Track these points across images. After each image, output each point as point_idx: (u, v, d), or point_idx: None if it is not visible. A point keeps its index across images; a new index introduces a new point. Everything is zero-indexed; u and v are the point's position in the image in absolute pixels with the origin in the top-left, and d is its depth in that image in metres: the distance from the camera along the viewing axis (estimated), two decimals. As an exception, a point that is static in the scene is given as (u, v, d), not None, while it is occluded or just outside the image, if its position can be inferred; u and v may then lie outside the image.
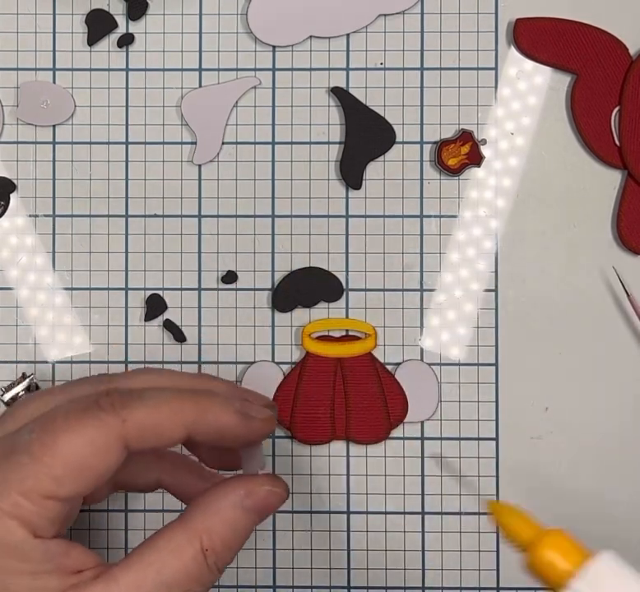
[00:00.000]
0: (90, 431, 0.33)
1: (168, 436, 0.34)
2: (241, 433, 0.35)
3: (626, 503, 0.47)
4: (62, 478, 0.32)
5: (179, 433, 0.34)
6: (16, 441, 0.33)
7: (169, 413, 0.34)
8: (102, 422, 0.33)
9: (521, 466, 0.47)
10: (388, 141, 0.47)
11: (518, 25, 0.46)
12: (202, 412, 0.34)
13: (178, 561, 0.33)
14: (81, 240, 0.47)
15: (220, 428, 0.35)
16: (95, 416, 0.33)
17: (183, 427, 0.34)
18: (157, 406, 0.34)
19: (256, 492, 0.35)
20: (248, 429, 0.35)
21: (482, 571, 0.47)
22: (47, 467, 0.32)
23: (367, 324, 0.47)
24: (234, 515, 0.35)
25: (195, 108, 0.47)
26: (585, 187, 0.47)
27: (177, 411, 0.34)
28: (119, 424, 0.33)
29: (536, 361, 0.47)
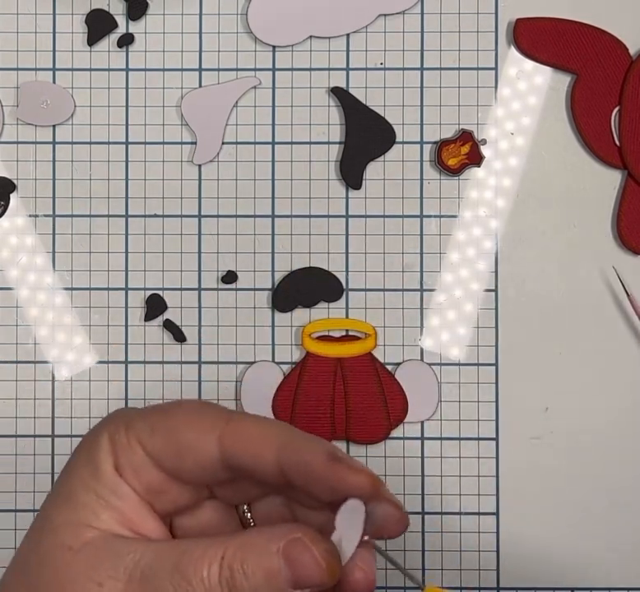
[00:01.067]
0: (201, 413, 0.35)
1: (259, 455, 0.34)
2: (327, 477, 0.33)
3: (626, 503, 0.47)
4: (157, 434, 0.34)
5: (269, 457, 0.34)
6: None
7: (265, 433, 0.34)
8: (213, 410, 0.35)
9: (521, 466, 0.47)
10: (388, 141, 0.47)
11: (518, 25, 0.46)
12: (293, 441, 0.34)
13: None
14: (81, 240, 0.47)
15: (306, 463, 0.33)
16: (207, 405, 0.36)
17: (273, 451, 0.34)
18: (258, 422, 0.35)
19: (293, 542, 0.33)
20: (335, 474, 0.33)
21: (482, 571, 0.47)
22: (153, 422, 0.35)
23: (367, 324, 0.47)
24: (267, 547, 0.33)
25: (195, 108, 0.47)
26: (585, 187, 0.47)
27: (272, 433, 0.34)
28: (223, 422, 0.34)
29: (536, 361, 0.47)
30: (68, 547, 0.34)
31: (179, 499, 0.36)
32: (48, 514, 0.35)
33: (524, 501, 0.47)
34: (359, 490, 0.33)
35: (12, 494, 0.47)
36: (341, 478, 0.33)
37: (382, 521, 0.33)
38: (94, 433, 0.36)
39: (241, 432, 0.34)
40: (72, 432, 0.47)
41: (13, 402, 0.47)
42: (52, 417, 0.47)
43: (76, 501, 0.35)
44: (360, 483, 0.33)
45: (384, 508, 0.33)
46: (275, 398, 0.46)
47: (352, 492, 0.33)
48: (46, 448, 0.47)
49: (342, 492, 0.33)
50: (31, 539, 0.35)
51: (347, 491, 0.33)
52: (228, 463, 0.34)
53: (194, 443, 0.34)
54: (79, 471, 0.35)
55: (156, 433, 0.35)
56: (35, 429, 0.47)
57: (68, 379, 0.47)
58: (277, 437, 0.34)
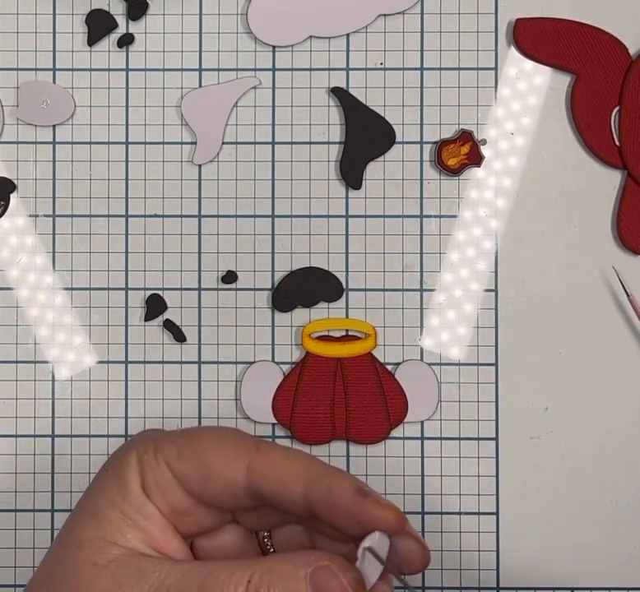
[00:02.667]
0: (228, 439, 0.35)
1: (287, 487, 0.34)
2: (354, 512, 0.33)
3: (626, 503, 0.47)
4: (184, 456, 0.35)
5: (297, 489, 0.34)
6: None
7: (293, 465, 0.34)
8: (240, 437, 0.36)
9: (521, 466, 0.47)
10: (388, 141, 0.47)
11: (518, 25, 0.46)
12: (321, 475, 0.34)
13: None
14: (81, 240, 0.47)
15: (334, 497, 0.33)
16: (233, 431, 0.36)
17: (301, 484, 0.34)
18: (287, 453, 0.35)
19: (321, 570, 0.33)
20: (362, 508, 0.33)
21: (482, 571, 0.47)
22: (181, 443, 0.35)
23: (367, 324, 0.47)
24: (294, 573, 0.33)
25: (195, 108, 0.47)
26: (585, 187, 0.47)
27: (300, 465, 0.34)
28: (253, 449, 0.35)
29: (536, 361, 0.47)
30: (93, 562, 0.34)
31: (203, 522, 0.36)
32: (73, 529, 0.35)
33: (524, 501, 0.47)
34: (386, 524, 0.33)
35: (12, 494, 0.47)
36: (368, 513, 0.33)
37: (405, 556, 0.34)
38: (122, 452, 0.36)
39: (270, 462, 0.34)
40: (72, 432, 0.47)
41: (13, 402, 0.47)
42: (52, 417, 0.47)
43: (102, 518, 0.35)
44: (387, 518, 0.33)
45: (408, 543, 0.34)
46: (275, 398, 0.46)
47: (378, 526, 0.33)
48: (46, 448, 0.47)
49: (368, 527, 0.33)
50: (55, 554, 0.35)
51: (373, 525, 0.33)
52: (254, 491, 0.35)
53: (221, 469, 0.35)
54: (106, 488, 0.35)
55: (184, 457, 0.35)
56: (35, 429, 0.47)
57: (68, 379, 0.47)
58: (306, 470, 0.34)
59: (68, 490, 0.47)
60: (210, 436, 0.36)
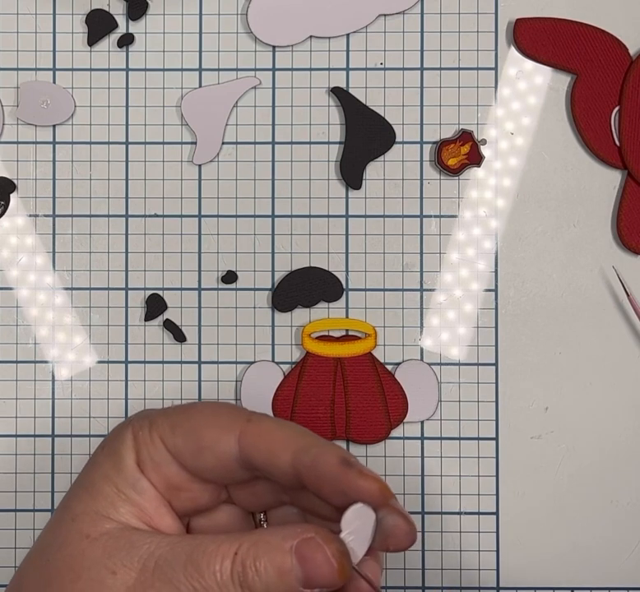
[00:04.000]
0: (221, 412, 0.36)
1: (276, 455, 0.34)
2: (338, 481, 0.33)
3: (626, 503, 0.47)
4: (178, 430, 0.35)
5: (286, 457, 0.34)
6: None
7: (283, 434, 0.35)
8: (233, 409, 0.36)
9: (521, 466, 0.47)
10: (388, 141, 0.47)
11: (518, 25, 0.46)
12: (309, 445, 0.34)
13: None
14: (81, 240, 0.47)
15: (319, 466, 0.34)
16: (226, 405, 0.37)
17: (290, 452, 0.34)
18: (278, 424, 0.36)
19: (307, 541, 0.33)
20: (345, 477, 0.33)
21: (482, 570, 0.47)
22: (175, 419, 0.36)
23: (367, 324, 0.47)
24: (281, 544, 0.33)
25: (195, 108, 0.47)
26: (585, 187, 0.47)
27: (290, 435, 0.35)
28: (244, 420, 0.35)
29: (536, 361, 0.47)
30: (86, 535, 0.34)
31: (198, 498, 0.36)
32: (68, 503, 0.36)
33: (524, 501, 0.47)
34: (368, 495, 0.33)
35: (12, 494, 0.47)
36: (351, 482, 0.33)
37: (390, 532, 0.34)
38: (119, 429, 0.37)
39: (260, 432, 0.35)
40: (72, 432, 0.47)
41: (13, 402, 0.47)
42: (52, 417, 0.47)
43: (96, 492, 0.35)
44: (369, 488, 0.33)
45: (394, 518, 0.34)
46: (275, 398, 0.46)
47: (361, 496, 0.33)
48: (46, 448, 0.47)
49: (352, 496, 0.33)
50: (51, 526, 0.36)
51: (356, 495, 0.33)
52: (245, 461, 0.35)
53: (214, 441, 0.35)
54: (101, 464, 0.36)
55: (178, 431, 0.35)
56: (35, 429, 0.47)
57: (68, 379, 0.47)
58: (294, 439, 0.35)
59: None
60: (203, 409, 0.37)
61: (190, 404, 0.37)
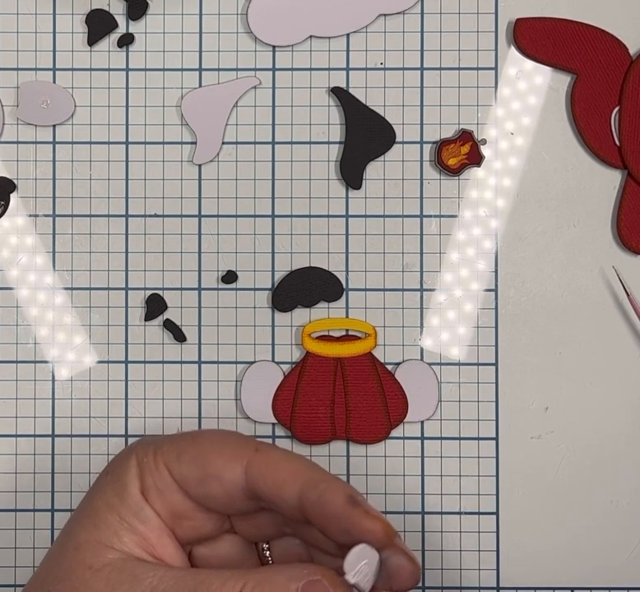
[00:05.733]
0: (228, 440, 0.36)
1: (283, 488, 0.34)
2: (343, 520, 0.33)
3: (626, 503, 0.47)
4: (184, 458, 0.35)
5: (292, 490, 0.34)
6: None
7: (291, 467, 0.35)
8: (240, 439, 0.36)
9: (521, 466, 0.47)
10: (388, 141, 0.47)
11: (518, 25, 0.46)
12: (317, 480, 0.34)
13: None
14: (81, 240, 0.47)
15: (325, 503, 0.34)
16: (233, 434, 0.37)
17: (297, 486, 0.34)
18: (286, 456, 0.36)
19: (313, 583, 0.33)
20: (352, 518, 0.33)
21: (482, 570, 0.47)
22: (181, 446, 0.36)
23: (367, 324, 0.47)
24: (287, 585, 0.33)
25: (195, 108, 0.47)
26: (585, 187, 0.47)
27: (298, 468, 0.35)
28: (252, 450, 0.35)
29: (536, 361, 0.47)
30: (89, 565, 0.34)
31: (201, 527, 0.36)
32: (72, 531, 0.35)
33: (524, 501, 0.47)
34: (372, 535, 0.33)
35: (12, 494, 0.47)
36: (356, 522, 0.33)
37: (394, 572, 0.33)
38: (123, 455, 0.36)
39: (267, 463, 0.35)
40: (72, 432, 0.47)
41: (13, 402, 0.47)
42: (52, 417, 0.47)
43: (99, 521, 0.35)
44: (374, 530, 0.33)
45: (398, 559, 0.33)
46: (275, 398, 0.46)
47: (365, 536, 0.33)
48: (46, 448, 0.47)
49: (356, 536, 0.33)
50: (54, 555, 0.36)
51: (360, 535, 0.33)
52: (251, 492, 0.35)
53: (220, 470, 0.35)
54: (105, 491, 0.36)
55: (183, 459, 0.35)
56: (35, 429, 0.47)
57: (68, 379, 0.47)
58: (302, 472, 0.35)
59: (68, 490, 0.47)
60: (210, 437, 0.36)
61: (197, 432, 0.37)
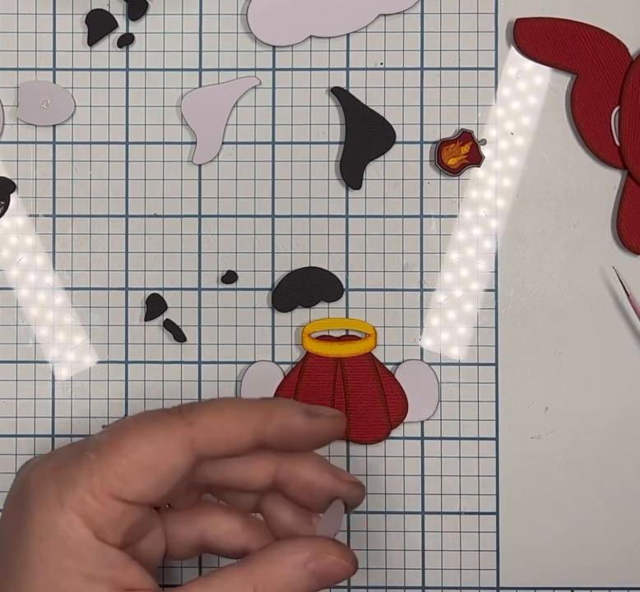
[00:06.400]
0: (156, 431, 0.34)
1: (236, 440, 0.35)
2: (309, 432, 0.35)
3: (626, 503, 0.47)
4: (126, 475, 0.33)
5: (247, 437, 0.35)
6: (88, 442, 0.35)
7: (235, 417, 0.35)
8: (168, 424, 0.34)
9: (521, 466, 0.47)
10: (388, 141, 0.47)
11: (518, 25, 0.46)
12: (268, 414, 0.35)
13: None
14: (81, 240, 0.47)
15: (287, 428, 0.35)
16: (161, 419, 0.35)
17: (250, 432, 0.35)
18: (223, 410, 0.35)
19: (322, 559, 0.34)
20: (316, 427, 0.35)
21: (482, 570, 0.47)
22: (112, 464, 0.33)
23: (367, 324, 0.47)
24: (295, 573, 0.34)
25: (195, 108, 0.47)
26: (585, 187, 0.47)
27: (243, 414, 0.35)
28: (185, 427, 0.34)
29: (536, 361, 0.47)
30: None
31: (172, 553, 0.38)
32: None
33: (524, 501, 0.47)
34: (336, 436, 0.37)
35: (12, 494, 0.47)
36: (322, 430, 0.36)
37: (352, 503, 0.38)
38: (46, 514, 0.33)
39: (209, 431, 0.34)
40: (72, 432, 0.47)
41: (13, 402, 0.47)
42: (52, 417, 0.47)
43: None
44: (337, 429, 0.36)
45: (353, 496, 0.37)
46: (275, 398, 0.46)
47: (330, 438, 0.36)
48: (46, 448, 0.47)
49: (321, 443, 0.36)
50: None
51: (325, 438, 0.36)
52: (204, 467, 0.35)
53: (165, 460, 0.34)
54: (54, 559, 0.33)
55: (125, 476, 0.33)
56: (35, 429, 0.47)
57: (68, 379, 0.47)
58: (247, 421, 0.35)
59: (68, 490, 0.47)
60: (134, 434, 0.34)
61: (117, 434, 0.34)
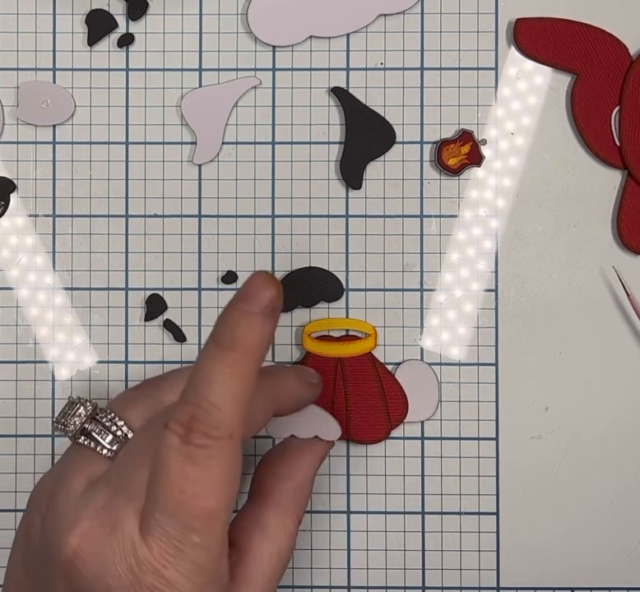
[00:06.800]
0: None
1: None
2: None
3: (626, 503, 0.47)
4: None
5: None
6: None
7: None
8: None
9: (521, 466, 0.47)
10: (388, 141, 0.47)
11: (518, 25, 0.46)
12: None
13: (287, 541, 0.39)
14: (81, 240, 0.47)
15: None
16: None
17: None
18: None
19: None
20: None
21: (482, 570, 0.47)
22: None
23: (367, 324, 0.47)
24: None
25: (195, 108, 0.47)
26: (585, 187, 0.47)
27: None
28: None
29: (536, 361, 0.47)
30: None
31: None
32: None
33: (524, 501, 0.47)
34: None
35: (12, 494, 0.47)
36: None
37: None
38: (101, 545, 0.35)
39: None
40: (72, 432, 0.47)
41: (13, 402, 0.47)
42: (52, 417, 0.47)
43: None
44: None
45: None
46: (275, 398, 0.46)
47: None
48: (46, 448, 0.47)
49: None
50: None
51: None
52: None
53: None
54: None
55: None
56: (35, 429, 0.47)
57: (68, 379, 0.47)
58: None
59: (68, 490, 0.47)
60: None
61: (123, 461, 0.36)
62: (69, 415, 0.39)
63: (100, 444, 0.38)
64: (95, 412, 0.39)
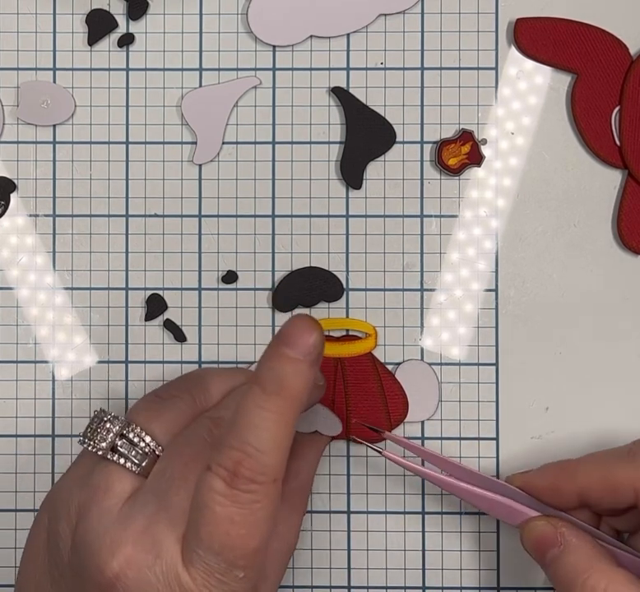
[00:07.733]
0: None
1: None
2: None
3: (626, 503, 0.47)
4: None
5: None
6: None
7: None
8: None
9: (521, 466, 0.47)
10: (388, 141, 0.47)
11: (518, 25, 0.46)
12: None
13: (294, 538, 0.42)
14: (81, 240, 0.47)
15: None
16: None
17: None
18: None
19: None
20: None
21: (482, 571, 0.47)
22: None
23: (367, 324, 0.47)
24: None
25: (195, 108, 0.47)
26: (585, 187, 0.47)
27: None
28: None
29: (536, 361, 0.47)
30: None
31: None
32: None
33: (524, 501, 0.47)
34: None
35: (12, 494, 0.47)
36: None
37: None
38: (139, 569, 0.35)
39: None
40: (72, 432, 0.47)
41: (13, 402, 0.47)
42: (52, 417, 0.47)
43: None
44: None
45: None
46: (275, 398, 0.46)
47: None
48: (46, 448, 0.47)
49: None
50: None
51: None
52: None
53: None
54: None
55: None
56: (35, 429, 0.47)
57: (68, 379, 0.47)
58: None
59: (68, 490, 0.47)
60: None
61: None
62: (97, 431, 0.39)
63: (130, 459, 0.38)
64: (123, 428, 0.39)
